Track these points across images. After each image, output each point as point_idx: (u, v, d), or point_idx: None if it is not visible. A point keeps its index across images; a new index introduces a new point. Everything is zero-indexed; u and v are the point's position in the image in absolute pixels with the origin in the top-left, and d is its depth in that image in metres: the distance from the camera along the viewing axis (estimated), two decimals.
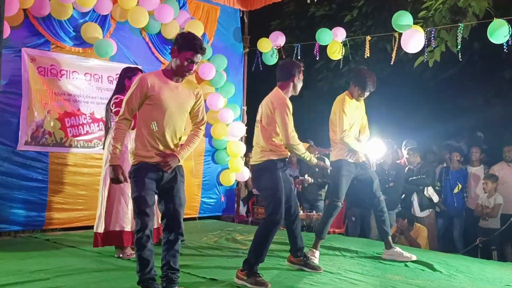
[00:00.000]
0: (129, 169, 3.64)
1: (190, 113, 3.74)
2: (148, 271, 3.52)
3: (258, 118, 4.36)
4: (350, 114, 4.89)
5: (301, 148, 4.25)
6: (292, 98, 4.43)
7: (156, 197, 3.71)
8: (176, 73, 3.59)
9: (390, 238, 5.06)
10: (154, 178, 3.54)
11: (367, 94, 4.96)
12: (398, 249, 5.00)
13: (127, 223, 4.87)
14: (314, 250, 4.89)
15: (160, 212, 3.80)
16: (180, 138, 3.70)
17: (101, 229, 4.85)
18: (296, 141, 4.20)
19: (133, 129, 4.72)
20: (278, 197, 4.10)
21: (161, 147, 3.57)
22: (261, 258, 4.07)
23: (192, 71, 3.60)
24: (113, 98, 5.01)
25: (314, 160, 4.36)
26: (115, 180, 3.55)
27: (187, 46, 3.52)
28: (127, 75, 5.06)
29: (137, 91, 3.52)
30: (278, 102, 4.21)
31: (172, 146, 3.61)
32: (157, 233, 4.99)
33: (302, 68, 4.47)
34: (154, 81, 3.54)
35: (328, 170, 4.86)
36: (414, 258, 4.89)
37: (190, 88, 3.68)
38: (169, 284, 3.59)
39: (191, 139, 3.75)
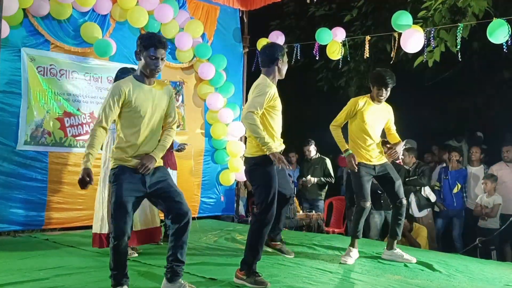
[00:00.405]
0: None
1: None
2: (123, 269, 3.54)
3: None
4: (367, 114, 4.86)
5: (256, 130, 3.94)
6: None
7: (148, 202, 3.72)
8: (146, 75, 3.57)
9: (396, 241, 5.01)
10: (136, 181, 3.51)
11: (385, 92, 4.87)
12: (398, 250, 4.97)
13: None
14: (351, 248, 4.93)
15: (161, 211, 3.79)
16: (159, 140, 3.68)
17: (105, 230, 4.86)
18: (251, 120, 3.94)
19: None
20: (271, 197, 4.03)
21: (142, 150, 3.54)
22: (258, 257, 4.06)
23: (160, 68, 3.57)
24: None
25: (272, 149, 3.94)
26: (82, 181, 3.37)
27: (146, 44, 3.52)
28: (122, 76, 5.07)
29: (113, 100, 3.46)
30: (259, 86, 4.12)
31: (153, 148, 3.60)
32: (159, 232, 5.01)
33: (286, 50, 4.42)
34: (129, 87, 3.51)
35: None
36: (414, 260, 4.85)
37: (163, 87, 3.68)
38: (173, 276, 3.59)
39: (165, 139, 3.71)
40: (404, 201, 4.96)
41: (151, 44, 3.52)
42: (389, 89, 4.91)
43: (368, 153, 4.89)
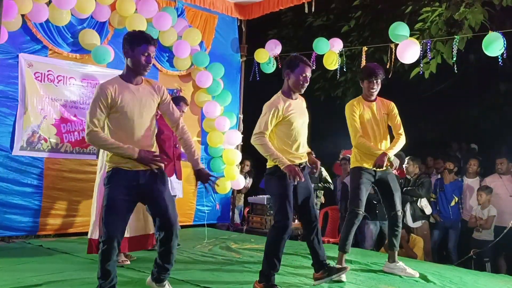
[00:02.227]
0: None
1: (162, 111, 3.64)
2: (110, 280, 3.42)
3: None
4: (365, 114, 4.69)
5: (264, 149, 3.97)
6: None
7: (143, 208, 3.68)
8: (135, 73, 3.50)
9: (396, 252, 4.87)
10: (129, 184, 3.43)
11: (376, 84, 4.64)
12: (401, 263, 4.82)
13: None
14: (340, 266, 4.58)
15: (151, 216, 3.77)
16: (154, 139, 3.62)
17: (95, 235, 4.84)
18: (258, 141, 3.97)
19: None
20: (283, 203, 3.97)
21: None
22: (275, 268, 3.97)
23: (150, 64, 3.52)
24: None
25: (284, 163, 3.95)
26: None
27: (138, 40, 3.45)
28: None
29: (99, 103, 3.38)
30: (265, 106, 4.10)
31: (146, 148, 3.50)
32: (151, 239, 4.99)
33: (301, 62, 4.06)
34: (115, 88, 3.42)
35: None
36: (417, 275, 4.72)
37: (150, 86, 3.59)
38: (158, 280, 3.66)
39: (191, 141, 3.70)
40: (400, 213, 4.79)
41: (145, 40, 3.46)
42: (379, 80, 4.68)
43: (373, 158, 4.63)
